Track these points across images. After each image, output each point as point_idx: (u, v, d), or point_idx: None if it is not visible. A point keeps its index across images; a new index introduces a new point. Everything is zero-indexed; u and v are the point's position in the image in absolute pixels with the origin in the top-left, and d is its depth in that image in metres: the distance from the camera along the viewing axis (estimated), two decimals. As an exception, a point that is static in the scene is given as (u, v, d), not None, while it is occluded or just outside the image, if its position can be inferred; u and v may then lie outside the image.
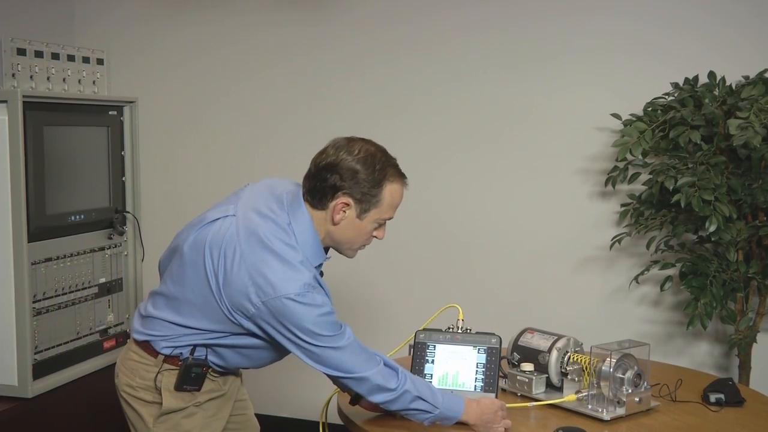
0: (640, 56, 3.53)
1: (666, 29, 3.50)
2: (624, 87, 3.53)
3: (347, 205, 2.13)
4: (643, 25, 3.53)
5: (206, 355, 2.22)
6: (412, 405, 2.17)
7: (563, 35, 3.63)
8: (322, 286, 2.15)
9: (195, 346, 2.21)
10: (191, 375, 2.22)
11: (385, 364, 2.18)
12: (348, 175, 2.11)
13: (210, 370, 2.26)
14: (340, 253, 2.27)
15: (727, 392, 2.45)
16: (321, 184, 2.13)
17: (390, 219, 2.22)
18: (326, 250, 2.26)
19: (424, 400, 2.17)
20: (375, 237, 2.24)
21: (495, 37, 3.72)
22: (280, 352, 2.24)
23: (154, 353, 2.25)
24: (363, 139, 2.19)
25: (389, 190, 2.16)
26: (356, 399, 2.33)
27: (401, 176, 2.19)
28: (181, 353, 2.22)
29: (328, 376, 2.19)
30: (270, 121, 4.06)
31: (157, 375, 2.24)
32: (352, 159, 2.12)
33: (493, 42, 3.72)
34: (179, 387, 2.22)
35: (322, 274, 2.25)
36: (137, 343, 2.29)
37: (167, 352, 2.23)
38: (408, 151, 3.86)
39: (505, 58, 3.71)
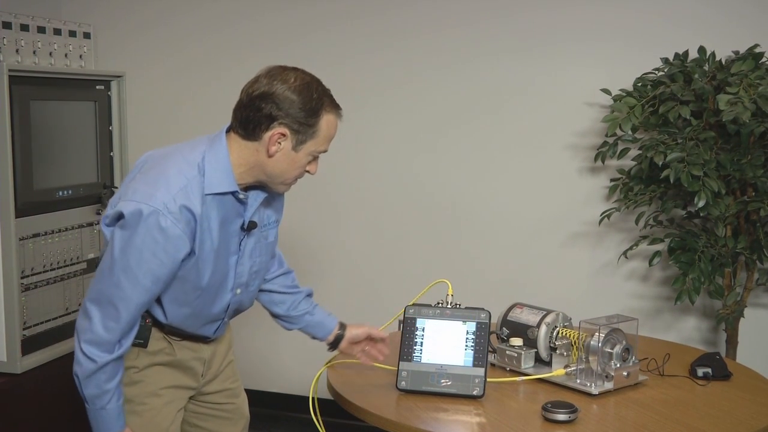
0: (631, 32, 3.51)
1: (656, 4, 3.49)
2: (614, 62, 3.52)
3: (283, 135, 2.00)
4: (634, 0, 3.52)
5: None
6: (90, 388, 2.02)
7: (554, 11, 3.61)
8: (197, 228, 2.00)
9: None
10: None
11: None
12: (284, 105, 1.99)
13: (156, 327, 2.14)
14: (272, 188, 2.14)
15: (715, 366, 2.47)
16: (255, 114, 2.00)
17: (324, 152, 2.10)
18: (254, 188, 2.12)
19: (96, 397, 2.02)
20: (308, 171, 2.11)
21: (487, 15, 3.70)
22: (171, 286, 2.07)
23: None
24: (296, 68, 2.08)
25: (326, 120, 2.04)
26: (335, 344, 2.42)
27: (336, 107, 2.08)
28: None
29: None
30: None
31: None
32: (287, 87, 2.00)
33: (485, 20, 3.70)
34: None
35: (249, 228, 2.13)
36: None
37: None
38: (399, 127, 3.88)
39: (497, 35, 3.69)
